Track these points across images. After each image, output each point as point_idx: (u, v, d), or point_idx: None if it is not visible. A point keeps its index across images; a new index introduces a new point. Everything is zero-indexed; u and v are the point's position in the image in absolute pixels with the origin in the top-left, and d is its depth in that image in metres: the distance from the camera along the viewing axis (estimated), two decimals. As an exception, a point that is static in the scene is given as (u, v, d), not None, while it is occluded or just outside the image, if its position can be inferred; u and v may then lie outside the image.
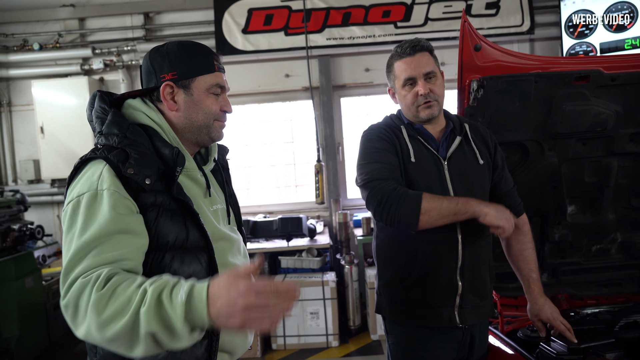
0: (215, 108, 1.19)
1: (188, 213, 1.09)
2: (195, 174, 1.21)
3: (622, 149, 1.84)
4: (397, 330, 1.61)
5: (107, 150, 1.05)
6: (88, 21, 4.48)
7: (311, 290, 3.72)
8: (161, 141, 1.11)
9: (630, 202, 1.97)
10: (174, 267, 1.06)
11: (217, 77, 1.18)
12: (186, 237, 1.07)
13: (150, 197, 1.05)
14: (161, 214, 1.05)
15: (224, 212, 1.27)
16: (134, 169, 1.02)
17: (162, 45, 1.19)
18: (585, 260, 2.04)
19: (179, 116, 1.17)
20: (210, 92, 1.18)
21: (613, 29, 3.95)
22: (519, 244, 1.68)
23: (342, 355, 3.59)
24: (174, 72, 1.14)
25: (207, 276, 1.08)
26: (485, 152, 1.60)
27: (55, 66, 4.42)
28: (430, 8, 4.23)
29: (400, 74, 1.56)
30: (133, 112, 1.16)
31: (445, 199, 1.44)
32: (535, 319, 1.65)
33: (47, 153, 4.26)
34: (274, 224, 3.92)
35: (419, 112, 1.55)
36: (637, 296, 2.06)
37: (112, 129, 1.08)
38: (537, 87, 1.70)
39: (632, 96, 1.75)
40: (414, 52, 1.53)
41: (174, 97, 1.16)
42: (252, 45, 4.27)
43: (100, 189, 1.01)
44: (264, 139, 4.63)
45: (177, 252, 1.06)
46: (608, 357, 1.57)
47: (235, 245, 1.24)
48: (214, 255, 1.11)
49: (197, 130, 1.19)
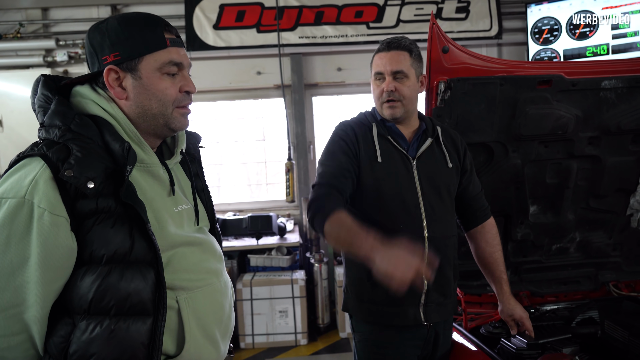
0: (171, 92, 1.00)
1: (136, 220, 0.93)
2: (156, 169, 1.03)
3: (582, 152, 1.91)
4: (363, 328, 1.62)
5: (47, 145, 0.90)
6: (52, 11, 4.31)
7: (280, 288, 3.71)
8: (112, 135, 0.94)
9: (588, 203, 2.04)
10: (110, 283, 0.90)
11: (170, 52, 0.99)
12: (129, 249, 0.92)
13: (90, 203, 0.89)
14: (99, 221, 0.90)
15: (190, 212, 1.10)
16: (73, 170, 0.86)
17: (103, 20, 1.00)
18: (546, 258, 2.11)
19: (130, 105, 0.99)
20: (164, 72, 0.99)
21: (576, 37, 4.10)
22: (489, 247, 1.71)
23: (311, 353, 3.60)
24: (116, 52, 0.95)
25: (152, 295, 0.94)
26: (455, 156, 1.63)
27: (16, 57, 4.24)
28: (402, 10, 4.28)
29: (374, 67, 1.59)
30: (81, 101, 0.99)
31: (350, 230, 1.33)
32: (509, 318, 1.69)
33: (6, 148, 4.08)
34: (244, 222, 3.89)
35: (383, 110, 1.58)
36: (594, 293, 2.14)
37: (54, 120, 0.94)
38: (502, 90, 1.74)
39: (591, 101, 1.82)
40: (390, 49, 1.55)
41: (122, 83, 0.98)
42: (223, 42, 4.21)
43: (28, 198, 0.85)
44: (235, 137, 4.58)
45: (116, 265, 0.91)
46: (564, 351, 1.63)
47: (205, 248, 1.10)
48: (162, 271, 0.95)
49: (153, 120, 1.01)
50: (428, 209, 1.55)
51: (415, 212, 1.54)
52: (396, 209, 1.54)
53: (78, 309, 0.90)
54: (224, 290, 1.13)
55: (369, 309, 1.59)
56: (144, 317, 0.93)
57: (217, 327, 1.08)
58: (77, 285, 0.90)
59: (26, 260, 0.86)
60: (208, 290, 1.06)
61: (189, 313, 1.00)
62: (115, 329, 0.91)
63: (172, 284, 0.99)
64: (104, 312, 0.90)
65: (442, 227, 1.56)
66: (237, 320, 3.66)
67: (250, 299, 3.69)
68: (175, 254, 1.01)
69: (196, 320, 1.02)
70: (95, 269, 0.90)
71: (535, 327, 1.69)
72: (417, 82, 1.59)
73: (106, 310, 0.90)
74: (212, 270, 1.10)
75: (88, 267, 0.90)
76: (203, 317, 1.04)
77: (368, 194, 1.56)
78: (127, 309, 0.92)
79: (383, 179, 1.54)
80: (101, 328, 0.90)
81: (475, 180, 1.71)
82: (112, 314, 0.91)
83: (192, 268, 1.04)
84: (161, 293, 0.95)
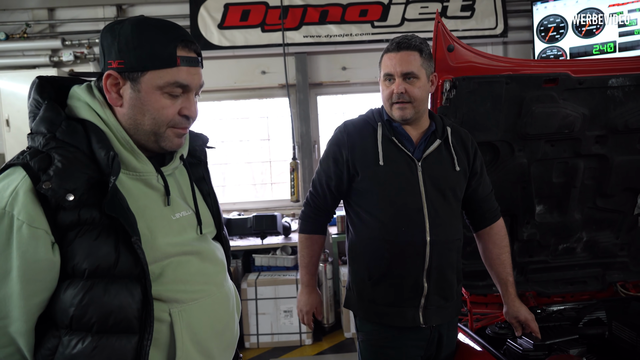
0: (168, 113, 0.94)
1: (123, 233, 0.87)
2: (150, 178, 0.97)
3: (588, 151, 1.89)
4: (367, 327, 1.62)
5: (31, 154, 0.87)
6: (57, 11, 4.33)
7: (285, 288, 3.70)
8: (100, 142, 0.89)
9: (595, 202, 2.03)
10: (92, 298, 0.85)
11: (179, 73, 0.92)
12: (114, 263, 0.87)
13: (72, 215, 0.85)
14: (82, 234, 0.86)
15: (192, 219, 1.04)
16: (51, 182, 0.82)
17: (120, 21, 0.94)
18: (552, 258, 2.10)
19: (124, 114, 0.94)
20: (165, 92, 0.93)
21: (582, 34, 4.06)
22: (497, 248, 1.69)
23: (316, 353, 3.59)
24: (121, 60, 0.91)
25: (138, 312, 0.89)
26: (464, 159, 1.60)
27: (23, 57, 4.26)
28: (407, 8, 4.27)
29: (383, 68, 1.56)
30: (75, 103, 0.94)
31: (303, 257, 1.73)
32: (514, 320, 1.68)
33: (12, 147, 4.11)
34: (249, 222, 3.88)
35: (392, 111, 1.56)
36: (601, 294, 2.13)
37: (40, 127, 0.90)
38: (508, 89, 1.73)
39: (598, 99, 1.80)
40: (399, 49, 1.51)
41: (119, 90, 0.93)
42: (228, 41, 4.22)
43: (9, 210, 0.82)
44: (239, 136, 4.58)
45: (99, 280, 0.86)
46: (571, 352, 1.61)
47: (204, 256, 1.04)
48: (149, 286, 0.90)
49: (144, 135, 0.95)
50: (432, 212, 1.53)
51: (418, 215, 1.52)
52: (397, 212, 1.53)
53: (61, 323, 0.87)
54: (225, 301, 1.07)
55: (369, 308, 1.59)
56: (128, 334, 0.89)
57: (214, 341, 1.02)
58: (60, 299, 0.87)
59: (7, 273, 0.83)
60: (205, 302, 1.01)
61: (182, 327, 0.95)
62: (99, 346, 0.87)
63: (166, 295, 0.94)
64: (85, 328, 0.87)
65: (445, 230, 1.55)
66: (242, 320, 3.67)
67: (255, 298, 3.70)
68: (169, 264, 0.96)
69: (190, 334, 0.96)
70: (78, 283, 0.86)
71: (541, 328, 1.68)
72: (428, 82, 1.55)
73: (88, 326, 0.87)
74: (212, 280, 1.04)
75: (71, 280, 0.87)
76: (198, 331, 0.98)
77: (369, 196, 1.56)
78: (110, 326, 0.87)
79: (384, 182, 1.53)
80: (83, 345, 0.86)
81: (486, 182, 1.68)
82: (94, 330, 0.87)
83: (189, 278, 0.99)
84: (148, 310, 0.90)
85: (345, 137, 1.58)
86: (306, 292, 1.75)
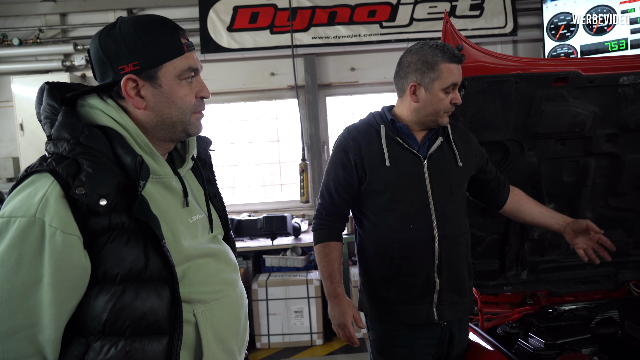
0: (190, 99, 0.98)
1: (150, 236, 0.89)
2: (169, 180, 1.00)
3: (599, 149, 1.88)
4: (377, 326, 1.63)
5: (57, 160, 0.86)
6: (70, 17, 4.40)
7: (295, 289, 3.72)
8: (123, 147, 0.91)
9: (607, 201, 2.01)
10: (125, 302, 0.87)
11: (188, 58, 0.96)
12: (144, 267, 0.88)
13: (103, 220, 0.85)
14: (112, 239, 0.86)
15: (205, 221, 1.07)
16: (85, 187, 0.82)
17: (113, 25, 0.94)
18: (564, 257, 2.08)
19: (147, 114, 0.95)
20: (183, 79, 0.96)
21: (593, 32, 4.03)
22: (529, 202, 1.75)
23: (327, 353, 3.60)
24: (135, 61, 0.91)
25: (168, 314, 0.91)
26: (467, 152, 1.63)
27: (36, 62, 4.34)
28: (416, 8, 4.26)
29: (448, 77, 1.51)
30: (90, 111, 0.94)
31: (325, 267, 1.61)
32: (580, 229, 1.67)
33: (26, 151, 4.18)
34: (259, 223, 3.91)
35: (442, 118, 1.56)
36: (613, 293, 2.11)
37: (62, 133, 0.89)
38: (518, 88, 1.73)
39: (609, 98, 1.79)
40: (460, 61, 1.53)
41: (140, 92, 0.94)
42: (237, 43, 4.24)
43: (39, 217, 0.82)
44: (249, 138, 4.61)
45: (130, 284, 0.88)
46: (583, 352, 1.61)
47: (220, 258, 1.07)
48: (177, 288, 0.92)
49: (171, 128, 0.98)
50: (438, 208, 1.55)
51: (425, 212, 1.55)
52: (405, 210, 1.55)
53: (92, 329, 0.88)
54: (240, 301, 1.10)
55: (381, 307, 1.60)
56: (159, 336, 0.91)
57: (234, 339, 1.05)
58: (90, 305, 0.87)
59: (39, 281, 0.83)
60: (225, 302, 1.04)
61: (207, 327, 0.98)
62: (131, 350, 0.88)
63: (189, 297, 0.96)
64: (118, 333, 0.87)
65: (453, 225, 1.57)
66: (253, 321, 3.69)
67: (265, 299, 3.72)
68: (190, 266, 0.98)
69: (214, 333, 0.99)
70: (110, 288, 0.87)
71: (553, 327, 1.67)
72: None
73: (121, 331, 0.87)
74: (228, 280, 1.07)
75: (102, 286, 0.87)
76: (221, 330, 1.01)
77: (377, 197, 1.58)
78: (142, 329, 0.89)
79: (392, 182, 1.55)
80: (116, 350, 0.87)
81: (490, 165, 1.75)
82: (127, 334, 0.88)
83: (208, 280, 1.01)
84: (177, 310, 0.92)
85: (351, 142, 1.60)
86: (335, 304, 1.59)
